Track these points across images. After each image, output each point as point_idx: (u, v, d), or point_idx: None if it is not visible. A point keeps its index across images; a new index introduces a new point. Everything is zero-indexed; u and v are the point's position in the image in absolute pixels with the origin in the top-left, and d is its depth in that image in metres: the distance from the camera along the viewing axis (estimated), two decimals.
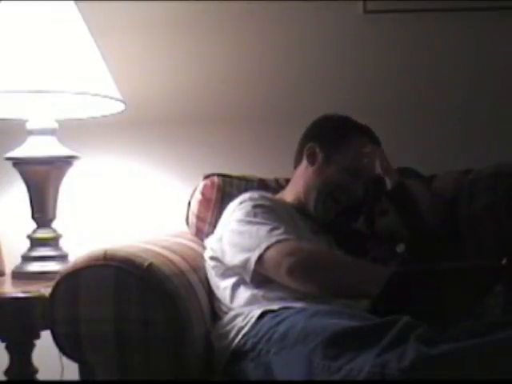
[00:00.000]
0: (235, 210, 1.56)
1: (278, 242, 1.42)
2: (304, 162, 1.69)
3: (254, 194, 1.60)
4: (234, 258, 1.49)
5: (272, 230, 1.45)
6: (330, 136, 1.68)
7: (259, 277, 1.45)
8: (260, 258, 1.43)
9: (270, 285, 1.45)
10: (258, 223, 1.48)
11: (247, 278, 1.46)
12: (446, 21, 2.07)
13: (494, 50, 2.07)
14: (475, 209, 1.73)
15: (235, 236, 1.50)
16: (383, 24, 2.07)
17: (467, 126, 2.06)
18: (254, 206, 1.53)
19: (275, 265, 1.41)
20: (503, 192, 1.73)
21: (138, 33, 2.09)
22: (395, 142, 2.04)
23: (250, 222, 1.49)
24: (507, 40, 2.06)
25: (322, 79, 2.09)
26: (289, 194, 1.70)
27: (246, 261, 1.45)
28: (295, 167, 1.73)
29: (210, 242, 1.60)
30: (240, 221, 1.51)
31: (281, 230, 1.45)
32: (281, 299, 1.41)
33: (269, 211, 1.52)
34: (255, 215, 1.50)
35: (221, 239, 1.54)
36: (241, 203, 1.56)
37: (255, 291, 1.46)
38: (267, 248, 1.42)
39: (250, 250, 1.45)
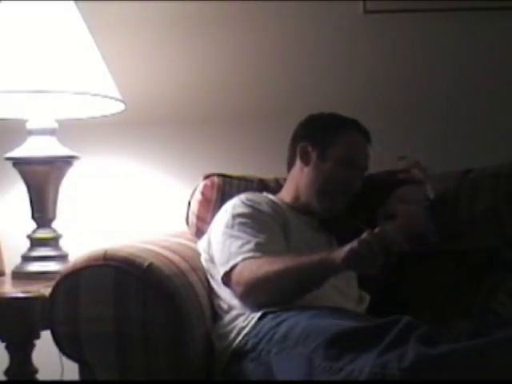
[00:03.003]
0: (222, 217, 1.56)
1: (243, 259, 1.43)
2: (298, 164, 1.69)
3: (238, 200, 1.59)
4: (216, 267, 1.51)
5: (242, 245, 1.45)
6: (320, 132, 1.68)
7: None
8: (226, 275, 1.45)
9: None
10: (232, 236, 1.48)
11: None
12: (445, 21, 2.07)
13: (494, 50, 2.07)
14: (477, 210, 1.73)
15: (215, 247, 1.52)
16: (383, 24, 2.07)
17: (467, 126, 2.06)
18: (234, 216, 1.53)
19: (234, 287, 1.44)
20: (504, 193, 1.72)
21: (137, 33, 2.09)
22: (395, 142, 2.04)
23: (225, 234, 1.50)
24: (507, 40, 2.06)
25: (322, 79, 2.09)
26: (286, 195, 1.69)
27: (219, 274, 1.47)
28: (289, 170, 1.73)
29: (203, 244, 1.60)
30: (220, 231, 1.52)
31: (250, 245, 1.44)
32: None
33: (247, 220, 1.51)
34: (232, 226, 1.51)
35: (210, 244, 1.55)
36: (226, 211, 1.57)
37: None
38: (233, 266, 1.44)
39: (221, 264, 1.47)
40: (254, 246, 1.44)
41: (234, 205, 1.57)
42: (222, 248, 1.48)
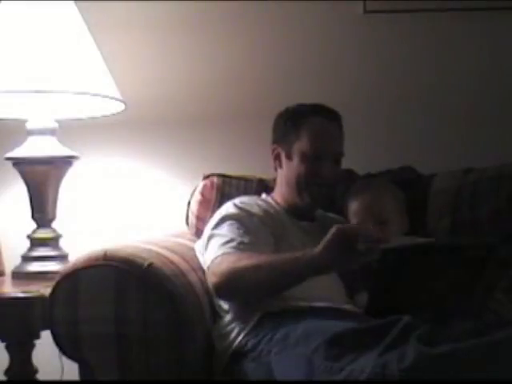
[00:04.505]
0: (213, 219, 1.56)
1: (223, 254, 1.42)
2: (277, 167, 1.68)
3: (231, 203, 1.59)
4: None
5: (226, 242, 1.45)
6: (283, 132, 1.66)
7: None
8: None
9: None
10: (219, 235, 1.49)
11: None
12: (445, 21, 2.07)
13: (494, 50, 2.07)
14: (479, 213, 1.72)
15: (205, 247, 1.51)
16: (383, 24, 2.07)
17: (467, 126, 2.06)
18: (223, 217, 1.53)
19: (210, 278, 1.43)
20: (506, 195, 1.71)
21: (138, 33, 2.09)
22: (395, 142, 2.05)
23: (214, 234, 1.50)
24: (507, 40, 2.06)
25: (322, 79, 2.09)
26: (277, 197, 1.69)
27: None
28: (275, 169, 1.71)
29: (199, 246, 1.60)
30: (209, 232, 1.53)
31: (233, 243, 1.44)
32: (282, 299, 1.41)
33: (235, 221, 1.51)
34: (221, 227, 1.51)
35: (204, 246, 1.55)
36: (220, 213, 1.57)
37: None
38: (213, 260, 1.44)
39: (206, 262, 1.47)
40: (236, 244, 1.44)
41: (226, 207, 1.58)
42: (209, 248, 1.49)
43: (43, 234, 1.78)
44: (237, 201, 1.61)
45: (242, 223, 1.51)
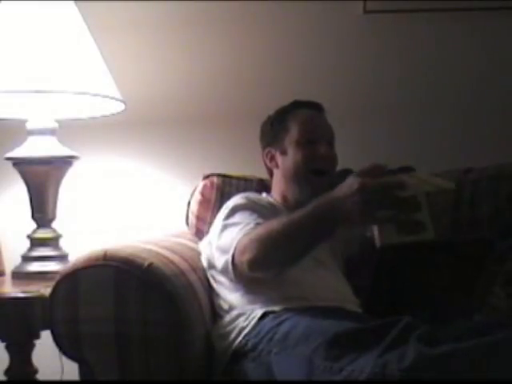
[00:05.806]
0: (222, 213, 1.56)
1: (244, 235, 1.39)
2: (273, 169, 1.69)
3: (238, 196, 1.60)
4: (218, 262, 1.48)
5: (243, 227, 1.43)
6: (272, 134, 1.68)
7: (246, 277, 1.42)
8: (232, 261, 1.41)
9: (271, 284, 1.44)
10: (233, 224, 1.47)
11: (233, 280, 1.45)
12: (445, 21, 2.07)
13: (495, 50, 2.07)
14: (478, 213, 1.72)
15: (217, 240, 1.50)
16: (383, 24, 2.07)
17: (467, 126, 2.06)
18: (233, 208, 1.53)
19: (240, 259, 1.38)
20: (506, 195, 1.72)
21: (138, 33, 2.09)
22: (395, 142, 2.05)
23: (227, 225, 1.49)
24: (507, 40, 2.06)
25: (322, 79, 2.09)
26: (276, 196, 1.69)
27: (226, 263, 1.43)
28: (270, 177, 1.72)
29: (203, 246, 1.60)
30: (220, 224, 1.51)
31: (250, 225, 1.43)
32: (283, 299, 1.41)
33: (247, 210, 1.51)
34: (233, 216, 1.50)
35: (210, 243, 1.54)
36: (227, 207, 1.56)
37: (256, 291, 1.45)
38: (236, 247, 1.41)
39: (227, 251, 1.43)
40: (253, 225, 1.42)
41: (234, 200, 1.58)
42: (225, 237, 1.46)
43: (43, 233, 1.79)
44: (243, 194, 1.61)
45: (253, 210, 1.51)
